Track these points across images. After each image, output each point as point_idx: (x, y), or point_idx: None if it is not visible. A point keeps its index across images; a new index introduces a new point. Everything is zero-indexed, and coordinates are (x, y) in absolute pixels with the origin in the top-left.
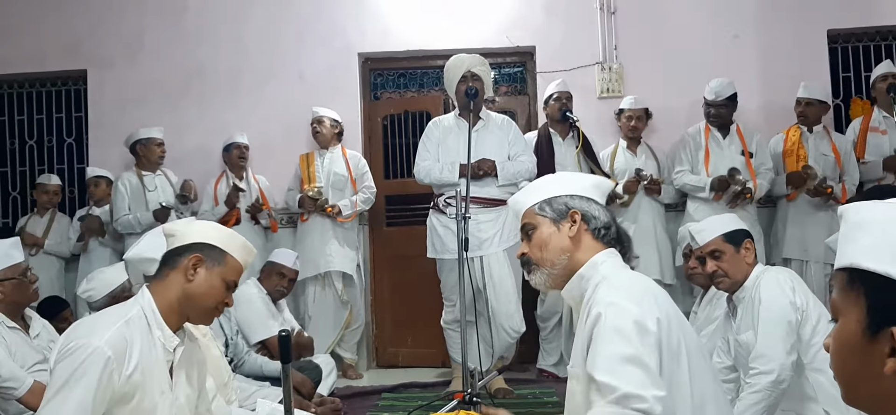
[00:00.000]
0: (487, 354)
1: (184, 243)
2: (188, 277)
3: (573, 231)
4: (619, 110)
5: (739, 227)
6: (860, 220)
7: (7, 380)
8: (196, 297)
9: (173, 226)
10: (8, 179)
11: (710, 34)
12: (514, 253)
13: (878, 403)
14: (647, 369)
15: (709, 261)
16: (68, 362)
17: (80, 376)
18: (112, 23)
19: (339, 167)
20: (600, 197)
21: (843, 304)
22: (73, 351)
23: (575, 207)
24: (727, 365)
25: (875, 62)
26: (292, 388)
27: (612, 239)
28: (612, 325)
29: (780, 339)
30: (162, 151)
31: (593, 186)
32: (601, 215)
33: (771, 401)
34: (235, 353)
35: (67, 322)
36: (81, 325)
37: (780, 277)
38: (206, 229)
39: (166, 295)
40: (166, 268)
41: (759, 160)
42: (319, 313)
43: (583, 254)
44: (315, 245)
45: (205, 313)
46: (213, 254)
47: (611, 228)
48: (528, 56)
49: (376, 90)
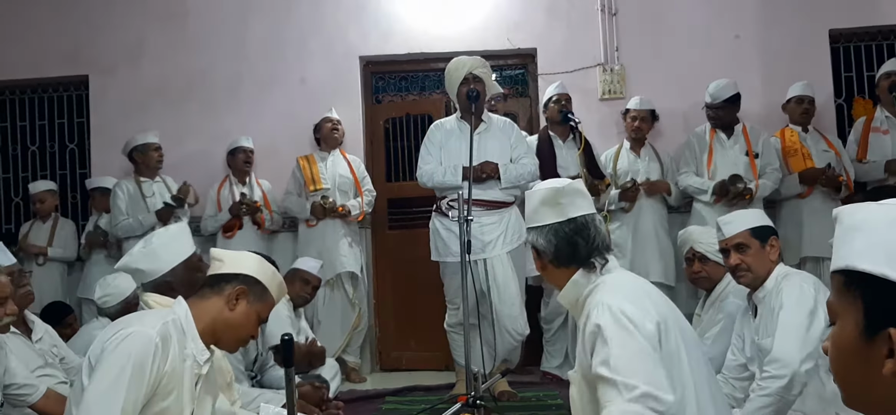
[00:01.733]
0: (491, 357)
1: (231, 272)
2: (230, 305)
3: (541, 265)
4: (625, 110)
5: (767, 223)
6: (855, 222)
7: (21, 387)
8: (234, 327)
9: (223, 252)
10: (10, 186)
11: (711, 35)
12: (518, 256)
13: (877, 405)
14: (659, 366)
15: (733, 254)
16: (123, 347)
17: (131, 358)
18: (113, 28)
19: (343, 170)
20: (548, 214)
21: (841, 306)
22: (126, 337)
23: (531, 242)
24: (740, 362)
25: (877, 62)
26: (298, 397)
27: (568, 258)
28: (616, 326)
29: (797, 346)
30: (159, 155)
31: (539, 206)
32: (547, 246)
33: (780, 406)
34: (262, 365)
35: (72, 328)
36: (126, 321)
37: (803, 285)
38: (254, 264)
39: (204, 315)
40: (208, 289)
41: (766, 160)
42: (328, 317)
43: (559, 281)
44: (328, 247)
45: (235, 342)
46: (256, 290)
47: (560, 251)
48: (529, 58)
49: (377, 94)
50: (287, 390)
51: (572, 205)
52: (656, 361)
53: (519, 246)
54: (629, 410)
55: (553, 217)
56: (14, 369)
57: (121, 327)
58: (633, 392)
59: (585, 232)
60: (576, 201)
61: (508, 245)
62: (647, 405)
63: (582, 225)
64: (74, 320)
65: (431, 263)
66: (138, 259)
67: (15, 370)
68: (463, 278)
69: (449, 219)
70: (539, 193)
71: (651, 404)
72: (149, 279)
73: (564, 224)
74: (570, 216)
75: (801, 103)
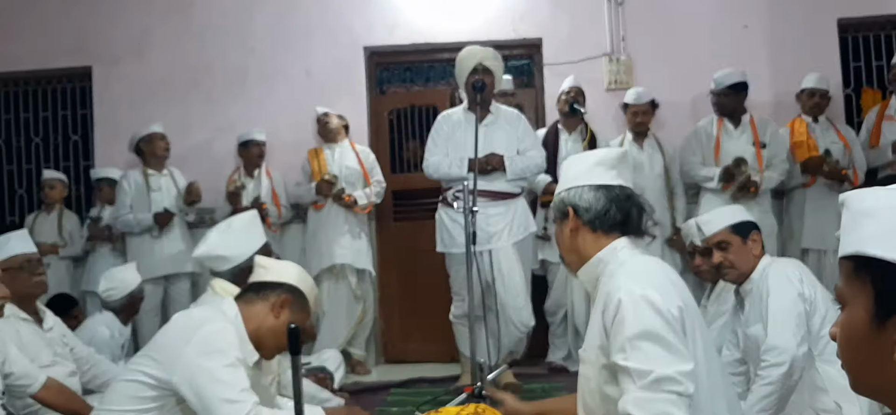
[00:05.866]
0: (496, 348)
1: (276, 280)
2: (275, 313)
3: (572, 227)
4: (625, 104)
5: (746, 219)
6: (864, 207)
7: (21, 378)
8: (277, 334)
9: (268, 260)
10: (14, 177)
11: (718, 24)
12: (524, 247)
13: (886, 390)
14: (673, 347)
15: (715, 252)
16: (214, 344)
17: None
18: (118, 20)
19: (350, 161)
20: (603, 175)
21: (850, 292)
22: (217, 333)
23: (569, 201)
24: (736, 358)
25: (886, 52)
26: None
27: (613, 223)
28: (635, 310)
29: (791, 331)
30: (166, 144)
31: (593, 166)
32: (594, 204)
33: (783, 393)
34: None
35: (77, 320)
36: (195, 314)
37: (787, 269)
38: (298, 275)
39: (252, 319)
40: (254, 295)
41: (773, 151)
42: (333, 308)
43: (587, 249)
44: (329, 236)
45: (277, 349)
46: (299, 300)
47: (608, 213)
48: (535, 48)
49: (382, 85)
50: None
51: (625, 176)
52: (672, 339)
53: (525, 237)
54: (641, 397)
55: (609, 179)
56: (14, 358)
57: (201, 326)
58: (645, 379)
59: (639, 204)
60: (629, 175)
61: (514, 236)
62: (661, 389)
63: (634, 196)
64: (80, 312)
65: (437, 255)
66: (220, 245)
67: (14, 359)
68: (468, 270)
69: (454, 210)
70: (596, 153)
71: (667, 386)
72: (229, 266)
73: (619, 189)
74: (623, 184)
75: (813, 96)
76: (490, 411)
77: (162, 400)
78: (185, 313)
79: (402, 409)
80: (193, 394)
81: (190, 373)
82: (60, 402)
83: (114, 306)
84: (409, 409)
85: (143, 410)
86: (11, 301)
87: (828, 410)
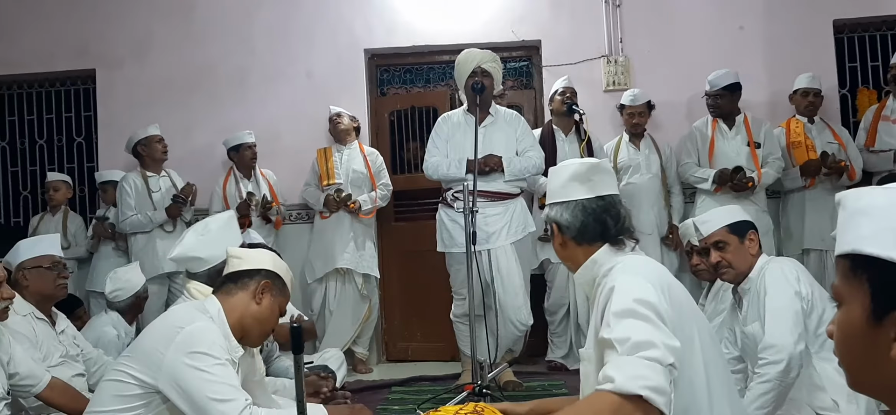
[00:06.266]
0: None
1: (252, 267)
2: (256, 300)
3: (560, 242)
4: (621, 106)
5: (743, 218)
6: (861, 206)
7: (25, 377)
8: (261, 320)
9: (241, 251)
10: (18, 179)
11: (715, 26)
12: (523, 246)
13: (884, 387)
14: (656, 324)
15: (713, 252)
16: (199, 344)
17: (217, 352)
18: (120, 23)
19: (357, 164)
20: (577, 190)
21: (846, 290)
22: (201, 331)
23: (552, 219)
24: (734, 356)
25: (881, 52)
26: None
27: (594, 235)
28: (625, 293)
29: (789, 328)
30: (163, 146)
31: (567, 181)
32: (573, 221)
33: (781, 390)
34: (268, 355)
35: (81, 320)
36: (175, 314)
37: (784, 268)
38: (272, 259)
39: (234, 310)
40: (232, 285)
41: (768, 150)
42: (340, 309)
43: (578, 258)
44: (334, 241)
45: (261, 336)
46: (278, 283)
47: (587, 227)
48: (533, 50)
49: (383, 86)
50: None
51: (602, 183)
52: (658, 317)
53: (523, 237)
54: (620, 361)
55: (583, 193)
56: (19, 358)
57: (191, 333)
58: (625, 345)
59: (614, 211)
60: (606, 180)
61: (512, 236)
62: (637, 352)
63: (610, 203)
64: (84, 312)
65: (437, 255)
66: (197, 247)
67: (20, 360)
68: (468, 269)
69: (454, 210)
70: (569, 167)
71: (645, 351)
72: (205, 268)
73: (594, 201)
74: (599, 194)
75: (807, 96)
76: (489, 409)
77: (148, 398)
78: (165, 315)
79: (404, 407)
80: (182, 396)
81: (176, 375)
82: (65, 401)
83: (119, 307)
84: (411, 407)
85: (129, 408)
86: (32, 301)
87: (825, 407)
